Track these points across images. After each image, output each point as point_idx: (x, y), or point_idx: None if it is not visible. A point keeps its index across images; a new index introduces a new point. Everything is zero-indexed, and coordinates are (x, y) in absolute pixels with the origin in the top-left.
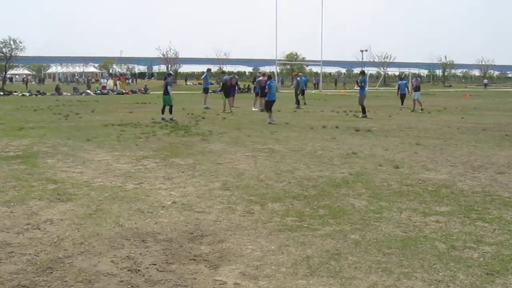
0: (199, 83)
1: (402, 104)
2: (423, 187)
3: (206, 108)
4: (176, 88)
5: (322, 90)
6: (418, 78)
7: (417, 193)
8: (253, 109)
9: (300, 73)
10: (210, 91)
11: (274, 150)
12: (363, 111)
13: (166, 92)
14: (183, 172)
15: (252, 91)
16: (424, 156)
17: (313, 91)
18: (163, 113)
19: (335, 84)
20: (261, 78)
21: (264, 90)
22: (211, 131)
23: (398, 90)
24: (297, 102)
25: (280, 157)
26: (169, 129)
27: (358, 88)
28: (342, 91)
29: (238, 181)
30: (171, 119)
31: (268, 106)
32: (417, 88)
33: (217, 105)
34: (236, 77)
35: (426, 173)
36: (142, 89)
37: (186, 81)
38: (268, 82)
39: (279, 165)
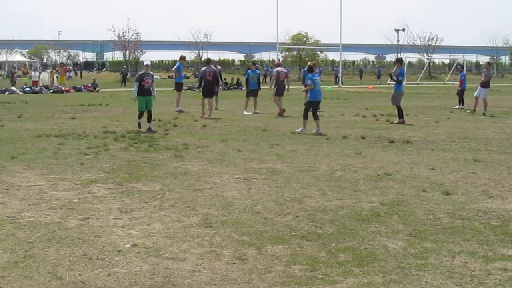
0: (169, 77)
1: (462, 104)
2: (484, 222)
3: (179, 111)
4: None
5: (343, 86)
6: (491, 70)
7: (475, 230)
8: (245, 112)
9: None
10: (184, 87)
11: (275, 170)
12: (400, 114)
13: (144, 92)
14: (147, 203)
15: (243, 88)
16: (486, 178)
17: (329, 87)
18: (140, 118)
19: (360, 77)
20: (279, 69)
21: (282, 86)
22: (187, 144)
23: (460, 85)
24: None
25: (284, 180)
26: (127, 141)
27: (393, 82)
28: (370, 86)
29: (224, 214)
30: (149, 129)
31: (307, 110)
32: (485, 84)
33: (194, 107)
34: (219, 67)
35: (489, 201)
36: (90, 85)
37: None
38: (310, 75)
39: (283, 191)
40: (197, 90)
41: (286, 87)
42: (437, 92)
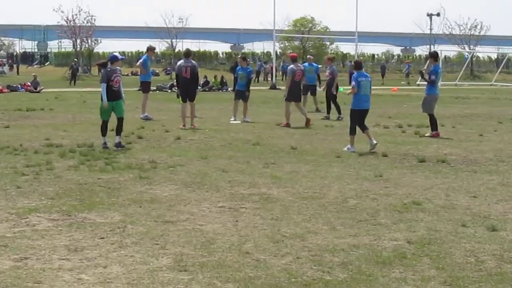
0: (133, 74)
1: None
2: None
3: (146, 118)
4: (87, 82)
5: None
6: None
7: None
8: (232, 121)
9: (311, 57)
10: (153, 87)
11: (270, 197)
12: (433, 125)
13: (113, 95)
14: (102, 239)
15: (229, 89)
16: None
17: (341, 89)
18: (104, 134)
19: (382, 76)
20: (293, 66)
21: (297, 88)
22: (155, 162)
23: None
24: (328, 109)
25: (282, 210)
26: (77, 157)
27: (424, 83)
28: (394, 88)
29: (204, 254)
30: (118, 145)
31: (353, 123)
32: None
33: (165, 113)
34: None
35: None
36: (29, 83)
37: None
38: (356, 75)
39: (280, 225)
40: (169, 91)
41: (320, 88)
42: (481, 96)
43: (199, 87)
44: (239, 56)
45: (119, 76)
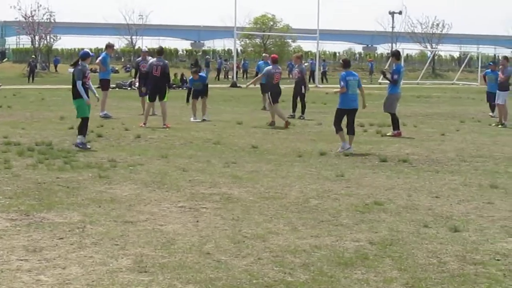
0: (92, 71)
1: (493, 111)
2: (503, 268)
3: (105, 116)
4: (45, 79)
5: (320, 85)
6: (509, 67)
7: (492, 278)
8: (192, 119)
9: (266, 55)
10: (112, 85)
11: (231, 197)
12: (395, 124)
13: (73, 95)
14: (61, 239)
15: (183, 87)
16: (506, 210)
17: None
18: (85, 133)
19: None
20: (270, 68)
21: (278, 90)
22: (114, 161)
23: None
24: (294, 108)
25: (243, 210)
26: (35, 156)
27: (386, 82)
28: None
29: (164, 255)
30: (79, 145)
31: (338, 121)
32: (504, 85)
33: (125, 111)
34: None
35: (509, 240)
36: None
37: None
38: (344, 74)
39: (241, 225)
40: (129, 88)
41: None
42: (443, 95)
43: (172, 86)
44: (202, 54)
45: (88, 72)
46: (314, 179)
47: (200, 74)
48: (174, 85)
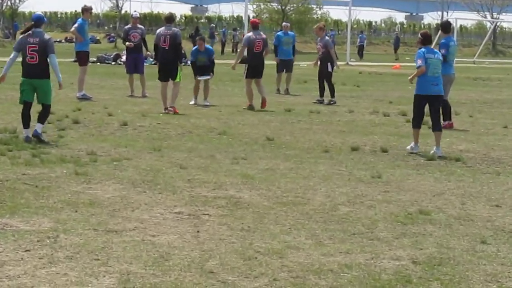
0: (68, 40)
1: None
2: None
3: (83, 98)
4: (9, 49)
5: (352, 62)
6: None
7: None
8: (192, 102)
9: (287, 24)
10: (92, 58)
11: (240, 201)
12: (446, 114)
13: (29, 71)
14: (28, 251)
15: (188, 61)
16: None
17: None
18: (26, 124)
19: (395, 50)
20: (250, 35)
21: (258, 61)
22: (95, 154)
23: None
24: (322, 91)
25: (255, 218)
26: None
27: None
28: (396, 65)
29: (156, 273)
30: (36, 136)
31: (417, 113)
32: None
33: (108, 91)
34: (141, 27)
35: None
36: None
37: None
38: (422, 51)
39: (252, 237)
40: (113, 63)
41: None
42: (506, 78)
43: (183, 60)
44: (200, 20)
45: (38, 43)
46: (344, 181)
47: (205, 45)
48: (186, 60)
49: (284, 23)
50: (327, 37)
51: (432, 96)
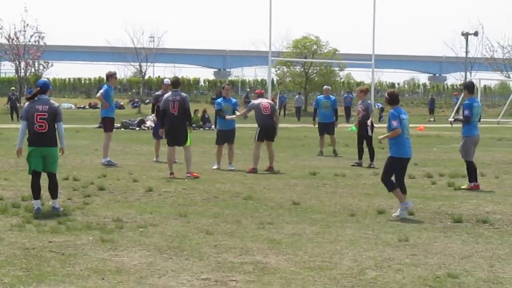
0: (92, 106)
1: None
2: None
3: (108, 164)
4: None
5: (377, 125)
6: None
7: None
8: (215, 167)
9: (328, 87)
10: (117, 124)
11: (267, 267)
12: (472, 175)
13: (36, 139)
14: None
15: (212, 126)
16: None
17: (353, 127)
18: (37, 196)
19: (431, 112)
20: (254, 101)
21: (269, 123)
22: (121, 221)
23: None
24: (360, 154)
25: (282, 284)
26: (22, 214)
27: (458, 121)
28: (420, 126)
29: None
30: (54, 208)
31: (389, 175)
32: None
33: (133, 157)
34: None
35: None
36: None
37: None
38: (394, 112)
39: None
40: (137, 128)
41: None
42: None
43: (192, 126)
44: (225, 83)
45: (47, 110)
46: (371, 245)
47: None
48: (194, 125)
49: (325, 87)
50: (368, 100)
51: (409, 159)
